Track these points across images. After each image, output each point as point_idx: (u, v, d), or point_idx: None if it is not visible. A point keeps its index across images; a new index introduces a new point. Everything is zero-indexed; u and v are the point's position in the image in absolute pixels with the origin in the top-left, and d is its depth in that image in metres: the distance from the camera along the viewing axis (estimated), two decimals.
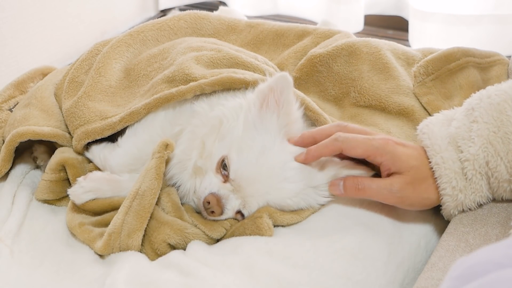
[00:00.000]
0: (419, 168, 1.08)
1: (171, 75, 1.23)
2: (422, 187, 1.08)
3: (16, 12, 1.70)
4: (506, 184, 1.05)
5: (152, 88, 1.25)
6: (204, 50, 1.31)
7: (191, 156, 1.15)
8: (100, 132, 1.23)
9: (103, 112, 1.25)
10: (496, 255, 0.64)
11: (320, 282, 1.00)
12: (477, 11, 1.86)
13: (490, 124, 1.05)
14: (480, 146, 1.04)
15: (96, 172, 1.20)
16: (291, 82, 1.10)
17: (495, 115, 1.05)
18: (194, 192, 1.16)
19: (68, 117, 1.29)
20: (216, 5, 2.19)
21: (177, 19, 1.48)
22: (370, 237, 1.08)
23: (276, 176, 1.09)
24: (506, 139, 1.04)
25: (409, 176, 1.07)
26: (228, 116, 1.13)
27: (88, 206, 1.18)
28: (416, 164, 1.08)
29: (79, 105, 1.28)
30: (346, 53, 1.36)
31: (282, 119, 1.11)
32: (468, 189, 1.07)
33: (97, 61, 1.35)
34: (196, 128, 1.16)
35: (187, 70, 1.22)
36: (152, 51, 1.37)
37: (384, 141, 1.09)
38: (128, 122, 1.22)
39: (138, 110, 1.21)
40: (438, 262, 0.99)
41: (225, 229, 1.13)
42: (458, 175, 1.06)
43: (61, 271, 1.08)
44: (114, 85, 1.32)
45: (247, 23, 1.53)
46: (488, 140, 1.04)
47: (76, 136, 1.25)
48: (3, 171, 1.27)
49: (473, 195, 1.07)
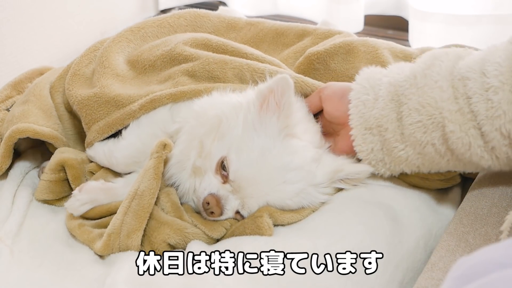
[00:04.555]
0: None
1: (190, 69, 1.25)
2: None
3: (16, 12, 1.70)
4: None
5: (171, 79, 1.26)
6: (213, 41, 1.33)
7: (189, 156, 1.15)
8: (120, 122, 1.24)
9: (117, 99, 1.25)
10: (497, 255, 0.64)
11: (320, 282, 1.00)
12: (477, 11, 1.86)
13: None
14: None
15: (91, 183, 1.20)
16: (292, 84, 1.09)
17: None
18: (194, 191, 1.16)
19: (83, 109, 1.28)
20: (216, 5, 2.19)
21: (177, 17, 1.48)
22: (369, 237, 1.08)
23: (275, 178, 1.09)
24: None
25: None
26: (227, 115, 1.13)
27: (86, 214, 1.18)
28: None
29: (99, 95, 1.27)
30: (344, 51, 1.36)
31: (282, 121, 1.10)
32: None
33: (100, 55, 1.35)
34: (194, 129, 1.16)
35: (213, 72, 1.25)
36: (153, 43, 1.38)
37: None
38: (149, 110, 1.22)
39: (161, 98, 1.21)
40: (438, 262, 0.99)
41: (225, 229, 1.13)
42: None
43: (61, 271, 1.08)
44: (122, 74, 1.32)
45: (247, 21, 1.53)
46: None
47: (98, 129, 1.25)
48: (4, 167, 1.27)
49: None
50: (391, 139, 1.13)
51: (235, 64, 1.26)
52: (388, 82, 1.14)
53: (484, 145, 1.04)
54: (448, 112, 1.05)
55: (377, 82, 1.16)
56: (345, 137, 1.19)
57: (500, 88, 1.00)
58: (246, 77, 1.25)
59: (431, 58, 1.11)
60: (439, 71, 1.08)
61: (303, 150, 1.12)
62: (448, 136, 1.05)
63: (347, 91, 1.19)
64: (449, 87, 1.06)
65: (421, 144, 1.09)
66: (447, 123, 1.05)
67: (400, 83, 1.12)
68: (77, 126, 1.36)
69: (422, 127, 1.08)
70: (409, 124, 1.10)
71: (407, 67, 1.15)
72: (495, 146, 1.03)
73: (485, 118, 1.02)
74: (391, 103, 1.13)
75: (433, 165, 1.12)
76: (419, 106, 1.08)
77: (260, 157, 1.09)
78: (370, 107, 1.15)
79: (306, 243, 1.06)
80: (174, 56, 1.30)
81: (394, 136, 1.12)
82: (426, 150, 1.09)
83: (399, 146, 1.12)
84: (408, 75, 1.12)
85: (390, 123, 1.12)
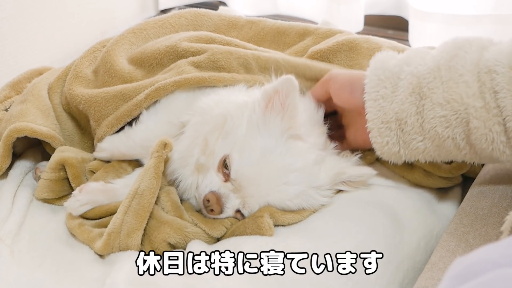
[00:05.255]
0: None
1: (196, 60, 1.26)
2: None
3: (16, 12, 1.70)
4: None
5: (176, 68, 1.27)
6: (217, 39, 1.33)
7: (193, 153, 1.15)
8: (128, 114, 1.24)
9: (124, 92, 1.26)
10: (494, 255, 0.64)
11: (320, 282, 1.00)
12: (477, 11, 1.86)
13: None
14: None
15: (91, 184, 1.20)
16: (297, 86, 1.09)
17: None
18: (196, 188, 1.16)
19: (91, 107, 1.29)
20: (216, 5, 2.19)
21: (178, 17, 1.48)
22: (370, 238, 1.08)
23: (277, 178, 1.10)
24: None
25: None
26: (232, 114, 1.13)
27: (86, 215, 1.18)
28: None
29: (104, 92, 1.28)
30: (347, 48, 1.36)
31: (286, 122, 1.10)
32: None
33: (104, 61, 1.34)
34: (199, 125, 1.16)
35: (217, 63, 1.25)
36: (156, 40, 1.39)
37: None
38: (154, 98, 1.22)
39: (166, 86, 1.22)
40: (439, 262, 0.99)
41: (226, 228, 1.13)
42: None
43: (61, 271, 1.08)
44: (130, 78, 1.32)
45: (248, 20, 1.53)
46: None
47: (107, 124, 1.26)
48: (4, 167, 1.27)
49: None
50: (410, 131, 1.11)
51: (240, 54, 1.26)
52: (411, 72, 1.11)
53: (507, 141, 1.03)
54: (473, 109, 1.03)
55: (394, 72, 1.13)
56: (360, 128, 1.17)
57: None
58: (252, 66, 1.25)
59: (454, 48, 1.08)
60: (464, 64, 1.05)
61: (305, 152, 1.12)
62: (471, 132, 1.04)
63: (356, 82, 1.17)
64: (475, 81, 1.03)
65: (441, 138, 1.08)
66: (472, 119, 1.03)
67: (423, 75, 1.09)
68: (74, 126, 1.36)
69: (445, 122, 1.06)
70: (431, 118, 1.07)
71: (429, 57, 1.11)
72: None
73: (511, 114, 1.00)
74: (412, 96, 1.10)
75: (449, 156, 1.12)
76: (443, 101, 1.06)
77: (262, 157, 1.09)
78: (390, 101, 1.12)
79: (306, 243, 1.06)
80: (180, 53, 1.30)
81: (413, 129, 1.10)
82: (446, 143, 1.08)
83: (418, 138, 1.10)
84: (431, 67, 1.09)
85: (410, 117, 1.10)
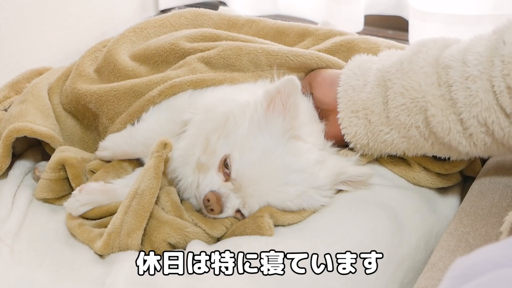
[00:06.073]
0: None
1: (206, 55, 1.26)
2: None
3: (16, 12, 1.70)
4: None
5: (187, 65, 1.27)
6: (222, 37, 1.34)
7: (194, 151, 1.15)
8: (141, 109, 1.24)
9: (135, 88, 1.26)
10: (495, 255, 0.64)
11: (320, 282, 1.00)
12: (477, 11, 1.86)
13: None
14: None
15: (91, 184, 1.20)
16: (299, 86, 1.10)
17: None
18: (197, 187, 1.16)
19: (104, 105, 1.29)
20: (216, 5, 2.19)
21: (178, 16, 1.48)
22: (370, 238, 1.08)
23: (277, 179, 1.10)
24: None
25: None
26: (235, 113, 1.13)
27: (86, 215, 1.18)
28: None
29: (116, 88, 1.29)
30: (345, 48, 1.36)
31: (288, 122, 1.10)
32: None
33: (107, 62, 1.34)
34: (202, 123, 1.16)
35: (228, 60, 1.26)
36: (158, 38, 1.39)
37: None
38: (169, 96, 1.22)
39: (181, 84, 1.22)
40: (439, 262, 0.99)
41: (226, 228, 1.13)
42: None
43: (61, 271, 1.08)
44: (134, 74, 1.32)
45: (248, 19, 1.53)
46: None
47: (120, 120, 1.26)
48: (4, 167, 1.27)
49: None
50: (377, 122, 1.15)
51: (249, 49, 1.27)
52: (377, 68, 1.18)
53: (463, 131, 1.07)
54: (432, 96, 1.08)
55: (367, 69, 1.19)
56: (333, 123, 1.21)
57: (478, 77, 1.03)
58: (262, 62, 1.26)
59: (419, 45, 1.15)
60: (426, 58, 1.11)
61: (306, 152, 1.12)
62: (429, 119, 1.08)
63: (337, 77, 1.21)
64: (434, 73, 1.09)
65: (405, 127, 1.12)
66: (430, 107, 1.08)
67: (387, 69, 1.15)
68: (74, 126, 1.36)
69: (406, 110, 1.11)
70: (394, 107, 1.12)
71: (396, 54, 1.18)
72: (472, 133, 1.06)
73: (463, 105, 1.05)
74: (378, 87, 1.15)
75: (418, 149, 1.15)
76: (403, 90, 1.11)
77: (263, 157, 1.09)
78: (359, 91, 1.18)
79: (306, 243, 1.06)
80: (188, 51, 1.30)
81: (380, 119, 1.15)
82: (411, 133, 1.12)
83: (385, 130, 1.15)
84: (395, 61, 1.15)
85: (376, 106, 1.15)
